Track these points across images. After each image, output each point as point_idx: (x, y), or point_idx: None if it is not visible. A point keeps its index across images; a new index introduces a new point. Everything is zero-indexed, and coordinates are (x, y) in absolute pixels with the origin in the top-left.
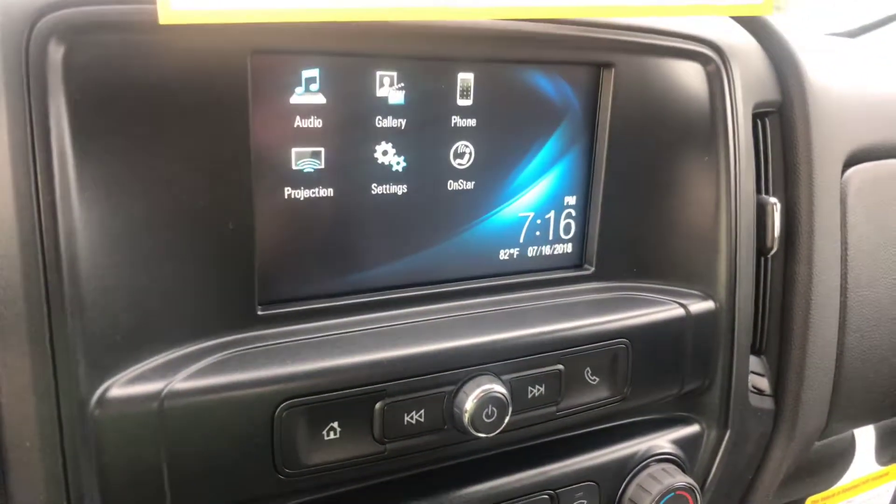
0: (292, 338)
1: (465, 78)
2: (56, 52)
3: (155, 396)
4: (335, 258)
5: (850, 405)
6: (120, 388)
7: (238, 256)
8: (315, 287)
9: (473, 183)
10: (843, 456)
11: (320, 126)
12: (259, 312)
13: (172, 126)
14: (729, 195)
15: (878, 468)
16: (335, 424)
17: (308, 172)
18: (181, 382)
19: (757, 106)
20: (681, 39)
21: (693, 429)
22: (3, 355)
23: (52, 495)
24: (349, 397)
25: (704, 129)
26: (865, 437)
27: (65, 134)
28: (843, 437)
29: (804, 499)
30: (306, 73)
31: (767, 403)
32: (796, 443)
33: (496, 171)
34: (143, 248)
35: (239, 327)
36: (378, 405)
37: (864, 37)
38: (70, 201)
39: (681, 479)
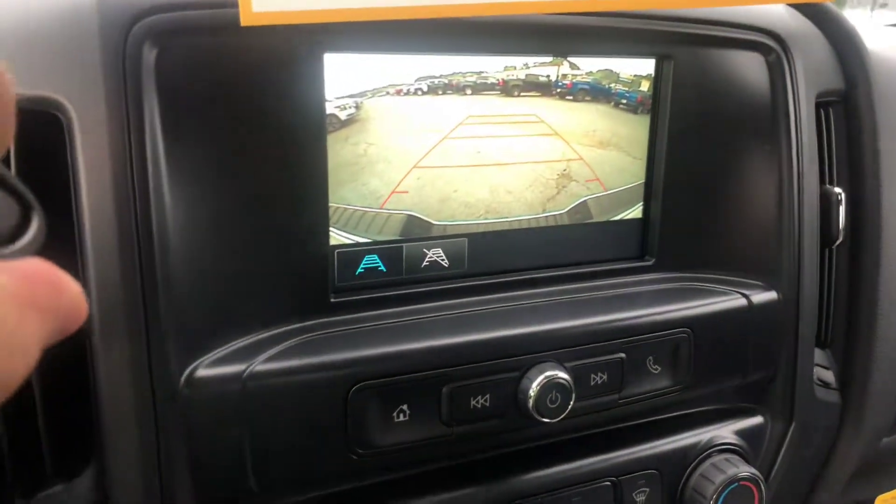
0: (362, 324)
1: None
2: (150, 55)
3: (237, 377)
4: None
5: None
6: (205, 369)
7: (314, 246)
8: (384, 276)
9: None
10: None
11: None
12: (332, 300)
13: (254, 121)
14: (791, 186)
15: None
16: (405, 407)
17: None
18: (261, 365)
19: (820, 95)
20: (740, 30)
21: (757, 420)
22: (102, 337)
23: (146, 468)
24: (418, 381)
25: (766, 120)
26: None
27: (157, 130)
28: None
29: (873, 498)
30: None
31: (833, 397)
32: (864, 438)
33: None
34: (227, 238)
35: (313, 314)
36: (445, 389)
37: None
38: (162, 194)
39: (745, 470)
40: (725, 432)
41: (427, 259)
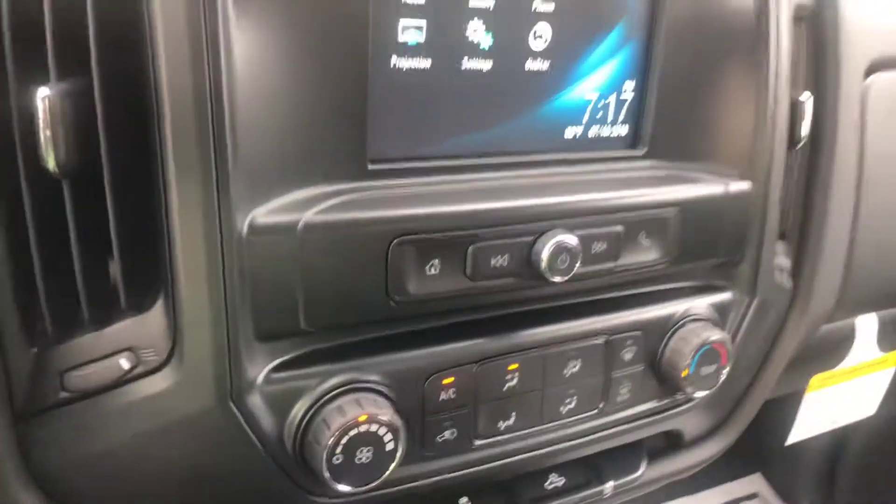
0: (397, 189)
1: None
2: None
3: (292, 227)
4: (429, 124)
5: (856, 294)
6: (263, 217)
7: (354, 116)
8: (412, 150)
9: (548, 63)
10: (844, 341)
11: (423, 1)
12: (369, 167)
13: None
14: (768, 91)
15: (879, 355)
16: (436, 262)
17: (411, 45)
18: (314, 216)
19: (795, 12)
20: None
21: (727, 295)
22: (178, 181)
23: (213, 302)
24: (449, 239)
25: (751, 32)
26: (869, 325)
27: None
28: (845, 324)
29: (809, 378)
30: None
31: (787, 281)
32: (807, 320)
33: (568, 53)
34: (284, 103)
35: (353, 178)
36: (470, 248)
37: None
38: (232, 62)
39: (717, 334)
40: (701, 304)
41: None
